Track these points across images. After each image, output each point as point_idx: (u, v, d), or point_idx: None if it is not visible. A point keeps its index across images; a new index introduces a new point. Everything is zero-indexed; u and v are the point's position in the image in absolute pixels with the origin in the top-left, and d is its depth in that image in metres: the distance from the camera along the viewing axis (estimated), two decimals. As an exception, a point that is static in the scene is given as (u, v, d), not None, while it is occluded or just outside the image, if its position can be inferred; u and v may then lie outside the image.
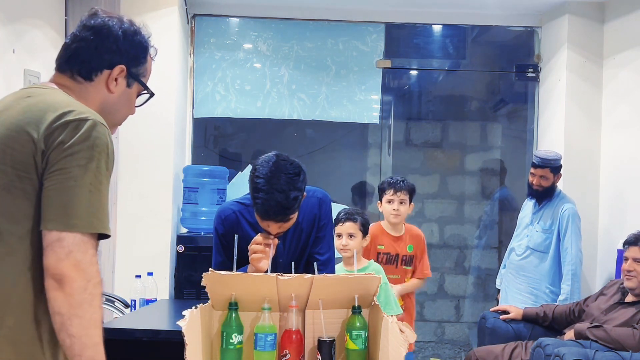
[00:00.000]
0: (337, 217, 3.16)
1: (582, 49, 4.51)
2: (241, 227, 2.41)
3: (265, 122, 4.76)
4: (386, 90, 4.99)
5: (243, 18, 4.77)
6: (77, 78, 1.56)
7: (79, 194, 1.37)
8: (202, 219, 4.24)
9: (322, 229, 2.49)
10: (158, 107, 4.20)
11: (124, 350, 2.71)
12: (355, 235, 3.12)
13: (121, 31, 1.58)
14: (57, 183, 1.38)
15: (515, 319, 3.81)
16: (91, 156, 1.40)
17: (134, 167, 4.20)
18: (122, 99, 1.61)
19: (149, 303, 3.62)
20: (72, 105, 1.45)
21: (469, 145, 5.89)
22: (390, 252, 3.66)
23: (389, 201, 3.67)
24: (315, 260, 2.37)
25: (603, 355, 3.05)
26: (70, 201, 1.37)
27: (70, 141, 1.39)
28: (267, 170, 2.21)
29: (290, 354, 1.93)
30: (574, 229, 3.89)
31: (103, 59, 1.57)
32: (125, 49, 1.59)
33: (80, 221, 1.37)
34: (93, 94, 1.57)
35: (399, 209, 3.64)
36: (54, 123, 1.40)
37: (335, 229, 3.12)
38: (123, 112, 1.65)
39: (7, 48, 3.18)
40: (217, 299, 1.92)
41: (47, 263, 1.36)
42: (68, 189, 1.37)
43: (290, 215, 2.23)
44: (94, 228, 1.39)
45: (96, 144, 1.41)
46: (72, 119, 1.41)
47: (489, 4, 4.59)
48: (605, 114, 4.50)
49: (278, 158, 2.24)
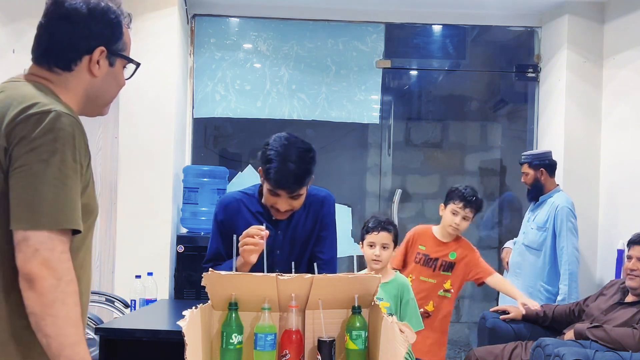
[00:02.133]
0: (369, 225, 2.96)
1: (582, 49, 4.51)
2: (242, 215, 2.42)
3: (265, 122, 4.76)
4: (386, 90, 4.99)
5: (243, 18, 4.77)
6: (55, 70, 1.51)
7: (42, 189, 1.33)
8: (202, 219, 4.23)
9: (324, 228, 2.49)
10: (158, 107, 4.21)
11: (124, 350, 2.72)
12: (388, 246, 2.92)
13: (89, 11, 1.50)
14: (20, 180, 1.33)
15: (515, 319, 3.80)
16: (54, 149, 1.34)
17: (134, 167, 4.21)
18: (107, 79, 1.56)
19: (149, 303, 3.62)
20: (35, 98, 1.40)
21: (469, 145, 5.89)
22: (430, 255, 3.53)
23: (453, 212, 3.50)
24: (317, 260, 2.38)
25: (603, 355, 3.05)
26: (33, 198, 1.32)
27: (32, 135, 1.34)
28: (279, 144, 2.29)
29: (290, 354, 1.93)
30: (569, 227, 3.90)
31: (79, 47, 1.50)
32: (99, 30, 1.51)
33: (44, 218, 1.32)
34: (75, 83, 1.52)
35: (460, 224, 3.49)
36: (15, 118, 1.36)
37: (368, 237, 2.94)
38: (112, 90, 1.59)
39: (7, 48, 3.18)
40: (217, 299, 1.92)
41: (17, 263, 1.32)
42: (31, 185, 1.33)
43: (301, 188, 2.28)
44: (60, 224, 1.34)
45: (59, 136, 1.35)
46: (33, 113, 1.36)
47: (489, 4, 4.59)
48: (605, 113, 4.50)
49: (289, 135, 2.33)
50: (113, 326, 2.78)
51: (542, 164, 4.05)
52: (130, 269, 3.84)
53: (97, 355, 2.66)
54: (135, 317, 3.32)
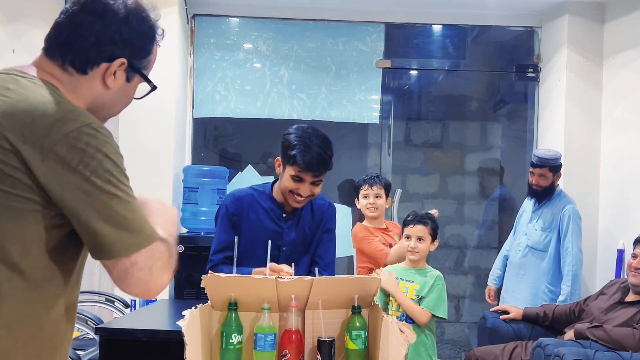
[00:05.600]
0: (407, 219, 3.16)
1: (582, 49, 4.51)
2: (254, 209, 2.48)
3: (265, 122, 4.76)
4: (386, 90, 4.99)
5: (243, 18, 4.77)
6: (68, 69, 1.32)
7: (122, 210, 1.24)
8: (202, 219, 4.23)
9: (327, 232, 2.58)
10: (158, 107, 4.21)
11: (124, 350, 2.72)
12: (424, 238, 3.08)
13: (126, 16, 1.33)
14: (97, 212, 1.21)
15: (515, 319, 3.80)
16: (112, 167, 1.23)
17: (134, 167, 4.16)
18: (119, 94, 1.39)
19: (149, 303, 3.62)
20: (63, 108, 1.23)
21: (469, 145, 5.89)
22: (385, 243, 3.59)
23: (364, 196, 3.65)
24: (316, 264, 2.47)
25: (603, 355, 3.05)
26: (121, 223, 1.23)
27: (82, 159, 1.20)
28: (301, 132, 2.38)
29: (290, 354, 1.93)
30: (575, 228, 3.88)
31: (102, 51, 1.32)
32: (130, 39, 1.34)
33: (142, 237, 1.26)
34: (85, 88, 1.33)
35: (375, 203, 3.61)
36: (47, 136, 1.19)
37: (405, 230, 3.12)
38: (119, 106, 1.43)
39: (7, 48, 3.18)
40: (217, 299, 1.92)
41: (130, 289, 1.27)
42: (110, 212, 1.22)
43: (325, 171, 2.37)
44: (153, 237, 1.28)
45: (108, 151, 1.23)
46: (69, 131, 1.20)
47: (489, 4, 4.59)
48: (605, 114, 4.50)
49: (309, 126, 2.44)
50: (113, 326, 2.79)
51: (559, 168, 4.00)
52: (130, 269, 3.84)
53: (97, 355, 2.66)
54: (135, 317, 3.32)
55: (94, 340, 3.11)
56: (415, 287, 3.03)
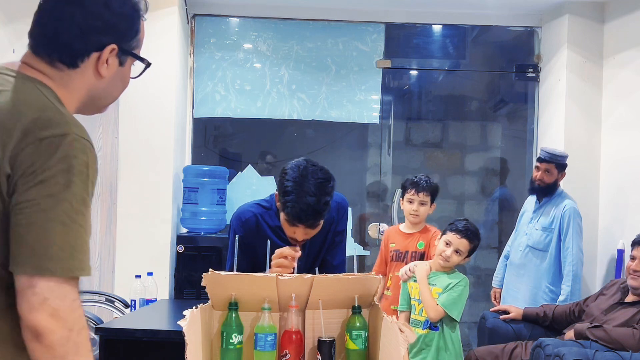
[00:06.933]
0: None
1: (582, 49, 4.51)
2: (261, 230, 2.40)
3: (265, 122, 4.76)
4: (386, 90, 4.99)
5: (243, 18, 4.77)
6: (57, 65, 1.28)
7: (51, 230, 1.14)
8: (202, 219, 4.24)
9: (338, 234, 2.52)
10: (158, 107, 4.22)
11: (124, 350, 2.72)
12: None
13: (106, 1, 1.29)
14: (25, 218, 1.14)
15: (515, 319, 3.80)
16: (67, 182, 1.16)
17: (134, 167, 4.21)
18: (114, 80, 1.36)
19: (149, 303, 3.62)
20: (45, 113, 1.19)
21: (469, 145, 5.89)
22: (400, 250, 3.56)
23: (409, 201, 3.56)
24: (327, 264, 2.45)
25: (603, 356, 3.05)
26: (40, 239, 1.14)
27: (42, 165, 1.15)
28: (297, 174, 2.21)
29: (290, 354, 1.93)
30: (576, 228, 3.87)
31: (89, 41, 1.28)
32: (114, 23, 1.30)
33: (53, 264, 1.14)
34: (78, 82, 1.30)
35: (418, 210, 3.53)
36: (22, 140, 1.15)
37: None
38: (116, 91, 1.40)
39: (7, 48, 3.18)
40: (217, 299, 1.92)
41: (21, 312, 1.15)
42: (37, 224, 1.14)
43: (319, 221, 2.23)
44: (71, 272, 1.16)
45: (72, 165, 1.16)
46: (45, 136, 1.16)
47: (489, 4, 4.59)
48: (605, 114, 4.50)
49: (308, 163, 2.25)
50: (113, 326, 2.79)
51: (565, 167, 3.98)
52: (130, 268, 3.85)
53: (97, 355, 2.66)
54: (135, 317, 3.32)
55: (94, 340, 3.11)
56: (437, 291, 3.07)
